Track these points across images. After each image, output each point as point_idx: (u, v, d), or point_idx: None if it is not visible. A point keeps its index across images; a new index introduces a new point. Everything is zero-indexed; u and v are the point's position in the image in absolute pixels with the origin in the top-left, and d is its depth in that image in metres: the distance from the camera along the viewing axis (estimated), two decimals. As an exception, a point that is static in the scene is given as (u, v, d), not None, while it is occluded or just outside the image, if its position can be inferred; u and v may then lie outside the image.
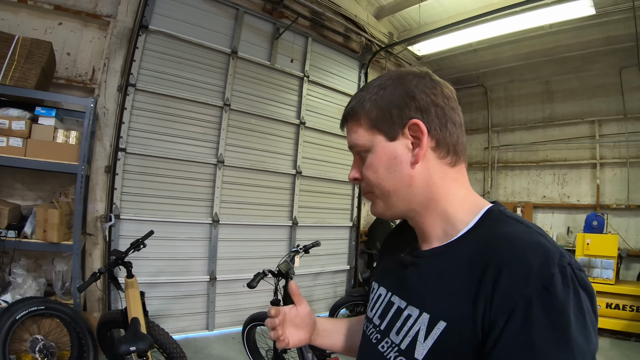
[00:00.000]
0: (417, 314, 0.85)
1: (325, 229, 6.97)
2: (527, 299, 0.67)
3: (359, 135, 0.93)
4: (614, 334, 6.17)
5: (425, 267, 0.90)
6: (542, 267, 0.69)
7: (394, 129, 0.89)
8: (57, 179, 4.44)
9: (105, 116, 4.74)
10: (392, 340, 0.90)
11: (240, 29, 5.83)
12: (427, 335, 0.80)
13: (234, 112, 5.77)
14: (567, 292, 0.67)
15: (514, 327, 0.67)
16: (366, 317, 1.08)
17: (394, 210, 0.94)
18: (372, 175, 0.91)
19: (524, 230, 0.79)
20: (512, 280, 0.70)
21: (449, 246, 0.87)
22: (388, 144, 0.90)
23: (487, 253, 0.76)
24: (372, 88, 0.94)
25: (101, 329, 3.60)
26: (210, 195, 5.52)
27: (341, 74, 7.34)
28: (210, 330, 5.39)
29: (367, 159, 0.92)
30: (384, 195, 0.92)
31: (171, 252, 5.14)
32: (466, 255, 0.81)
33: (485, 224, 0.84)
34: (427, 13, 7.40)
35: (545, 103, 8.73)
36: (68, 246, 3.79)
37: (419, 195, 0.90)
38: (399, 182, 0.89)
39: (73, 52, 4.69)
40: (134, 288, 3.22)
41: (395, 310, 0.94)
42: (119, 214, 4.76)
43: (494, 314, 0.70)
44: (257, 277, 3.32)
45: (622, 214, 7.56)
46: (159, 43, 5.13)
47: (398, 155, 0.89)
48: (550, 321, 0.66)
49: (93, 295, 4.52)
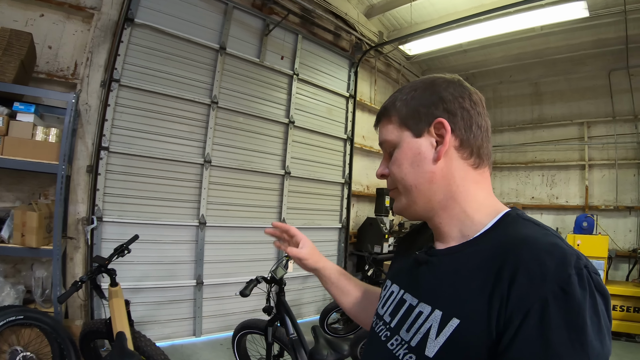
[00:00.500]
0: (428, 311, 0.85)
1: (314, 230, 6.82)
2: (543, 300, 0.68)
3: (388, 131, 0.99)
4: (604, 333, 6.19)
5: (440, 265, 0.91)
6: (559, 268, 0.69)
7: (420, 126, 0.93)
8: (36, 180, 4.19)
9: (87, 113, 4.51)
10: (402, 337, 0.90)
11: (229, 24, 5.64)
12: (439, 332, 0.80)
13: (222, 110, 5.58)
14: (583, 294, 0.67)
15: (530, 327, 0.68)
16: (376, 314, 1.08)
17: (415, 207, 0.96)
18: (396, 169, 0.96)
19: (541, 232, 0.80)
20: (529, 280, 0.70)
21: (464, 246, 0.88)
22: (414, 140, 0.94)
23: (504, 253, 0.77)
24: (405, 89, 0.99)
25: (84, 339, 3.38)
26: (196, 197, 5.32)
27: (331, 72, 7.20)
28: (198, 336, 5.19)
29: (395, 156, 0.97)
30: (406, 190, 0.95)
31: (156, 256, 4.92)
32: (482, 254, 0.82)
33: (501, 226, 0.86)
34: (418, 13, 7.33)
35: (534, 104, 8.79)
36: (48, 251, 3.55)
37: (438, 193, 0.92)
38: (420, 177, 0.92)
39: (55, 46, 4.45)
40: (118, 297, 3.01)
41: (407, 308, 0.94)
42: (101, 216, 4.53)
43: (510, 314, 0.70)
44: (250, 285, 3.14)
45: (611, 215, 7.63)
46: (145, 37, 4.91)
47: (422, 152, 0.93)
48: (566, 322, 0.66)
49: (75, 302, 4.28)
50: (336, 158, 7.22)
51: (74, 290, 2.77)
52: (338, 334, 5.49)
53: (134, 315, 4.54)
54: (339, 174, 7.27)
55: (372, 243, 7.12)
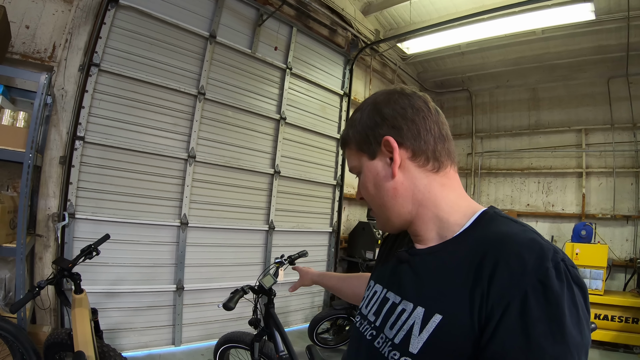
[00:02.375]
0: (411, 308, 0.87)
1: (304, 234, 6.49)
2: (523, 292, 0.70)
3: (350, 158, 1.05)
4: (602, 345, 6.08)
5: (421, 264, 0.93)
6: (537, 262, 0.72)
7: (372, 148, 0.97)
8: (5, 169, 3.82)
9: (63, 99, 4.13)
10: (387, 335, 0.91)
11: (220, 11, 5.30)
12: (422, 328, 0.81)
13: (209, 102, 5.22)
14: (561, 287, 0.70)
15: (511, 319, 0.70)
16: (359, 314, 1.09)
17: (391, 223, 1.00)
18: (365, 193, 1.02)
19: (520, 228, 0.83)
20: (509, 274, 0.73)
21: (445, 245, 0.91)
22: (371, 163, 0.98)
23: (484, 249, 0.79)
24: (355, 114, 1.04)
25: (48, 351, 3.00)
26: (179, 194, 4.94)
27: (325, 68, 6.89)
28: (177, 345, 4.80)
29: (360, 179, 1.03)
30: (378, 209, 1.00)
31: (133, 258, 4.53)
32: (463, 252, 0.84)
33: (480, 224, 0.88)
34: (417, 11, 7.12)
35: (532, 110, 8.65)
36: (11, 249, 3.17)
37: (406, 205, 0.95)
38: (385, 195, 0.96)
39: (33, 26, 4.06)
40: (82, 307, 2.60)
41: (390, 306, 0.95)
42: (73, 213, 4.13)
43: (491, 307, 0.72)
44: (235, 297, 2.73)
45: (608, 224, 7.50)
46: (130, 20, 4.55)
47: (379, 172, 0.97)
48: (546, 314, 0.68)
49: (43, 305, 3.88)
50: (328, 158, 6.91)
51: (30, 298, 2.39)
52: (328, 344, 5.17)
53: (107, 321, 4.20)
54: (331, 175, 6.95)
55: (364, 248, 6.82)
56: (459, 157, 9.58)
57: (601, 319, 6.06)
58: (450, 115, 9.90)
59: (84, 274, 2.99)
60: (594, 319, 6.04)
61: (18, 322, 3.06)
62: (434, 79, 9.52)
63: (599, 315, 6.07)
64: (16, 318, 3.09)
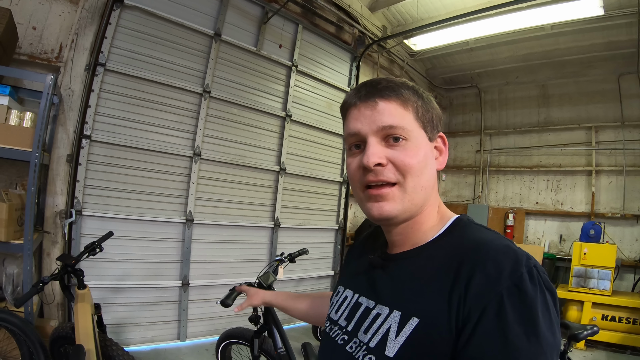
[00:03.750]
0: (387, 312, 0.87)
1: (310, 231, 6.52)
2: (499, 296, 0.72)
3: (405, 118, 0.91)
4: (609, 346, 5.95)
5: (396, 268, 0.94)
6: (513, 267, 0.74)
7: (433, 133, 0.96)
8: (14, 168, 3.90)
9: (70, 98, 4.20)
10: (360, 339, 0.91)
11: (225, 10, 5.32)
12: (398, 331, 0.82)
13: (214, 100, 5.26)
14: (535, 290, 0.72)
15: (487, 321, 0.71)
16: (329, 320, 1.08)
17: (411, 210, 0.91)
18: (415, 163, 0.89)
19: (494, 235, 0.85)
20: (486, 279, 0.74)
21: (419, 250, 0.92)
22: (427, 142, 0.94)
23: (461, 254, 0.81)
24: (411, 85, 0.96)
25: (54, 344, 3.08)
26: (184, 192, 5.00)
27: (332, 65, 6.89)
28: (182, 340, 4.88)
29: (405, 147, 0.90)
30: (414, 190, 0.90)
31: (139, 254, 4.60)
32: (439, 257, 0.86)
33: (455, 231, 0.91)
34: (424, 8, 7.10)
35: (541, 107, 8.55)
36: (18, 246, 3.23)
37: (430, 198, 0.94)
38: (430, 179, 0.93)
39: (39, 27, 4.14)
40: (84, 302, 2.66)
41: (363, 311, 0.95)
42: (81, 210, 4.21)
43: (468, 310, 0.74)
44: (232, 293, 2.76)
45: (617, 223, 7.39)
46: (135, 20, 4.60)
47: (432, 157, 0.95)
48: (521, 316, 0.70)
49: (48, 300, 3.98)
50: (335, 155, 6.91)
51: (34, 292, 2.45)
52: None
53: (113, 316, 4.29)
54: (337, 172, 6.96)
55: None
56: (468, 154, 9.59)
57: (608, 320, 5.94)
58: (459, 112, 9.86)
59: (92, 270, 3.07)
60: (601, 320, 5.95)
61: (25, 317, 3.13)
62: (443, 75, 9.45)
63: (606, 316, 5.96)
64: (23, 312, 3.17)
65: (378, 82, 0.94)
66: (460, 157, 9.77)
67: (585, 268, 6.25)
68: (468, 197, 9.47)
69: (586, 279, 6.21)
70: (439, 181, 9.97)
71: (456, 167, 9.77)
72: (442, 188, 9.99)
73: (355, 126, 0.93)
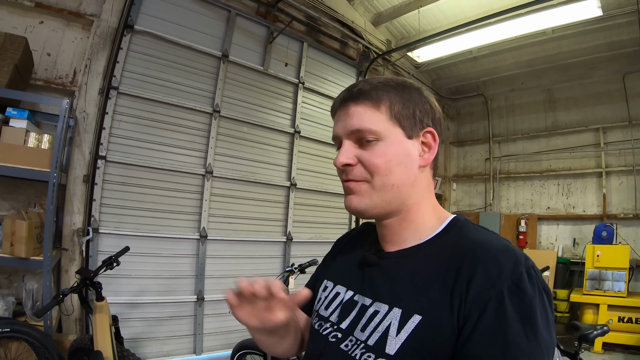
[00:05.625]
0: (386, 310, 0.88)
1: (322, 244, 6.58)
2: (499, 294, 0.74)
3: (373, 120, 0.92)
4: (626, 348, 5.86)
5: (395, 266, 0.94)
6: (512, 266, 0.76)
7: (414, 129, 0.94)
8: (32, 188, 4.06)
9: (85, 121, 4.38)
10: (357, 337, 0.90)
11: (232, 31, 5.52)
12: (399, 329, 0.82)
13: (224, 120, 5.42)
14: (533, 290, 0.75)
15: (488, 319, 0.73)
16: (318, 316, 1.06)
17: (384, 207, 0.93)
18: (381, 162, 0.91)
19: (493, 235, 0.87)
20: (487, 277, 0.76)
21: (418, 248, 0.93)
22: (405, 140, 0.93)
23: (462, 254, 0.83)
24: (391, 82, 0.96)
25: (72, 356, 3.19)
26: (197, 209, 5.13)
27: (338, 81, 7.03)
28: (198, 354, 4.96)
29: (374, 147, 0.92)
30: (384, 187, 0.92)
31: (155, 270, 4.72)
32: (439, 255, 0.87)
33: (453, 230, 0.93)
34: (426, 20, 7.19)
35: (548, 112, 8.54)
36: (38, 262, 3.36)
37: (412, 196, 0.95)
38: (405, 179, 0.93)
39: (54, 53, 4.35)
40: (102, 313, 2.79)
41: (360, 308, 0.95)
42: (97, 228, 4.36)
43: (469, 308, 0.75)
44: None
45: (630, 224, 7.29)
46: (145, 44, 4.80)
47: (411, 154, 0.94)
48: (521, 315, 0.72)
49: (67, 312, 4.10)
50: (343, 169, 6.98)
51: (55, 304, 2.58)
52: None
53: (130, 331, 4.38)
54: (348, 185, 7.02)
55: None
56: (478, 162, 9.59)
57: (625, 322, 5.87)
58: (467, 121, 9.90)
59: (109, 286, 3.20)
60: (617, 322, 5.88)
61: (45, 330, 3.25)
62: (449, 85, 9.54)
63: (622, 318, 5.88)
64: (43, 326, 3.28)
65: (354, 86, 0.96)
66: (470, 166, 9.79)
67: (599, 270, 6.22)
68: (479, 205, 9.46)
69: (600, 282, 6.16)
70: (450, 191, 10.00)
71: (466, 175, 9.79)
72: (454, 198, 9.99)
73: (335, 130, 0.99)
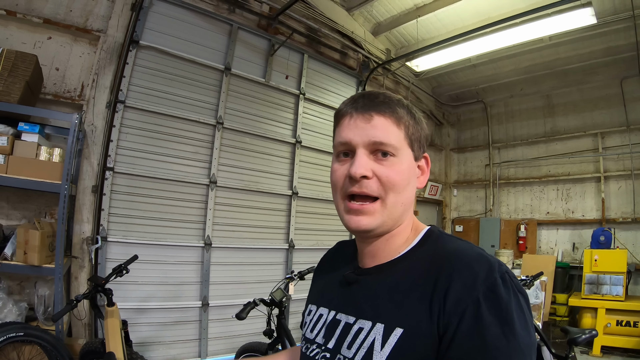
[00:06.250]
0: (369, 326, 0.89)
1: (323, 251, 6.53)
2: (475, 300, 0.76)
3: (396, 135, 0.93)
4: (625, 351, 5.94)
5: (373, 282, 0.96)
6: (486, 273, 0.79)
7: (419, 152, 0.99)
8: (43, 198, 4.25)
9: (93, 134, 4.57)
10: (345, 355, 0.91)
11: (234, 45, 5.70)
12: (383, 343, 0.84)
13: (227, 131, 5.59)
14: (508, 294, 0.77)
15: (466, 325, 0.75)
16: (305, 339, 1.08)
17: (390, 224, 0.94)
18: (399, 180, 0.92)
19: (467, 245, 0.90)
20: (463, 285, 0.79)
21: (395, 262, 0.95)
22: (412, 161, 0.97)
23: (438, 264, 0.85)
24: (404, 102, 0.99)
25: (83, 359, 3.35)
26: (202, 217, 5.29)
27: (338, 91, 7.19)
28: (203, 358, 5.10)
29: (392, 163, 0.92)
30: (394, 205, 0.93)
31: (161, 277, 4.88)
32: (416, 268, 0.89)
33: (428, 242, 0.95)
34: (425, 29, 7.34)
35: (547, 117, 8.67)
36: (50, 269, 3.56)
37: (406, 215, 0.97)
38: (411, 198, 0.96)
39: (62, 68, 4.55)
40: (113, 318, 2.97)
41: (343, 327, 0.96)
42: (106, 236, 4.54)
43: (448, 316, 0.78)
44: (246, 308, 3.05)
45: (629, 228, 7.37)
46: (150, 59, 4.99)
47: (414, 175, 0.98)
48: (497, 318, 0.74)
49: (79, 320, 4.26)
50: (345, 177, 7.12)
51: (69, 309, 2.74)
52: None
53: (138, 335, 4.53)
54: (349, 192, 7.16)
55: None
56: (478, 168, 9.71)
57: (623, 325, 5.92)
58: (467, 128, 10.02)
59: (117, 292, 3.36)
60: (615, 325, 5.94)
61: (56, 334, 3.43)
62: (449, 92, 9.66)
63: (620, 321, 5.94)
64: (54, 330, 3.46)
65: (376, 96, 0.96)
66: (470, 172, 9.90)
67: (597, 275, 6.28)
68: (480, 211, 9.56)
69: (598, 286, 6.23)
70: (451, 197, 10.12)
71: (467, 182, 9.91)
72: (455, 203, 10.11)
73: (347, 135, 0.94)
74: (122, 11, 4.78)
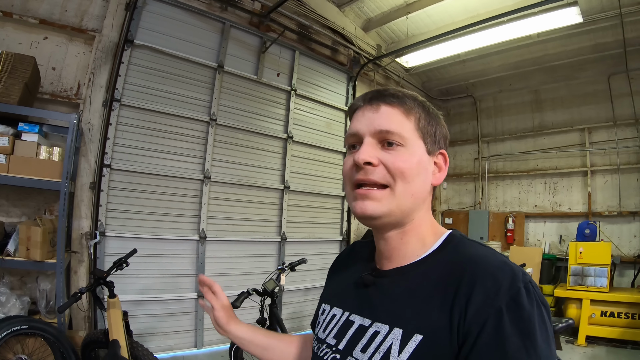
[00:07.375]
0: (386, 330, 0.87)
1: (315, 243, 6.89)
2: (498, 310, 0.74)
3: (403, 125, 0.92)
4: (609, 342, 6.09)
5: (392, 285, 0.94)
6: (510, 282, 0.77)
7: (433, 147, 0.97)
8: (42, 195, 4.37)
9: (90, 132, 4.68)
10: (357, 358, 0.90)
11: (226, 43, 5.82)
12: (401, 349, 0.82)
13: (221, 127, 5.73)
14: (531, 305, 0.75)
15: (487, 335, 0.73)
16: (317, 339, 1.07)
17: (398, 214, 0.92)
18: (406, 168, 0.90)
19: (490, 252, 0.87)
20: (485, 294, 0.76)
21: (414, 265, 0.93)
22: (425, 154, 0.94)
23: (460, 270, 0.83)
24: (419, 97, 0.98)
25: (85, 349, 3.50)
26: (196, 212, 5.45)
27: (329, 87, 7.33)
28: (199, 348, 5.28)
29: (399, 152, 0.91)
30: (403, 194, 0.91)
31: (158, 270, 5.05)
32: (437, 273, 0.87)
33: (449, 247, 0.93)
34: (415, 25, 7.42)
35: (535, 112, 8.77)
36: (51, 264, 3.70)
37: (419, 211, 0.95)
38: (422, 191, 0.94)
39: (58, 67, 4.65)
40: (115, 308, 3.14)
41: (357, 329, 0.94)
42: (104, 231, 4.68)
43: (469, 325, 0.75)
44: (240, 297, 3.23)
45: (615, 221, 7.53)
46: (145, 58, 5.11)
47: (428, 169, 0.95)
48: (520, 330, 0.72)
49: (79, 313, 4.40)
50: (336, 171, 7.29)
51: (74, 301, 2.90)
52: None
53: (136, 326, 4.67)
54: (339, 187, 7.32)
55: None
56: (467, 162, 9.83)
57: (607, 316, 6.07)
58: (456, 122, 10.11)
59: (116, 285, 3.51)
60: (600, 316, 6.10)
61: (58, 326, 3.58)
62: (439, 87, 9.77)
63: (605, 312, 6.08)
64: (57, 323, 3.61)
65: (385, 90, 0.96)
66: (459, 165, 10.02)
67: (581, 267, 6.44)
68: (469, 203, 9.72)
69: (583, 277, 6.38)
70: (440, 190, 10.26)
71: (456, 175, 10.02)
72: (444, 196, 10.25)
73: (356, 126, 0.95)
74: (117, 11, 4.88)
